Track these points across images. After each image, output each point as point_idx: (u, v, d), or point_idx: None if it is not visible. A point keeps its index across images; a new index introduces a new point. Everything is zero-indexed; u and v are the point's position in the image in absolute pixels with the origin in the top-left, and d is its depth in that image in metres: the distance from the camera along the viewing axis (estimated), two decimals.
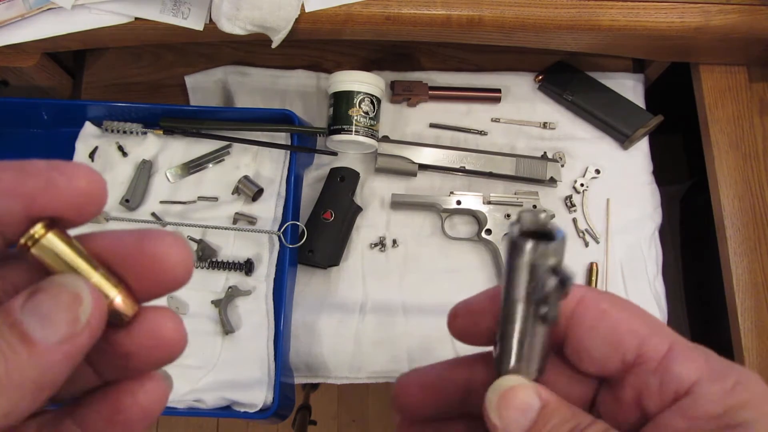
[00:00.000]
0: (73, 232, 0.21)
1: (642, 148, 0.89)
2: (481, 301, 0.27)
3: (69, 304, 0.19)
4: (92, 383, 0.23)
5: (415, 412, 0.27)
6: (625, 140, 0.87)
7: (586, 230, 0.85)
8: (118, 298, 0.21)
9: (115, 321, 0.21)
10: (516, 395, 0.23)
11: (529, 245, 0.23)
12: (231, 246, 0.76)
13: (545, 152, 0.87)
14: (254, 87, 0.90)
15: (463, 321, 0.27)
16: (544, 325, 0.23)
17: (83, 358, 0.20)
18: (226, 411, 0.72)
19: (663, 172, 0.90)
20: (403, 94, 0.89)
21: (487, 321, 0.26)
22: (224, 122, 0.79)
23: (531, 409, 0.23)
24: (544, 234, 0.23)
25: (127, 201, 0.77)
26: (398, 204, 0.84)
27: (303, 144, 0.81)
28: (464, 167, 0.85)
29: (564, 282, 0.22)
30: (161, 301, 0.71)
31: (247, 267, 0.75)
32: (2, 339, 0.18)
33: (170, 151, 0.80)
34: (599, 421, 0.23)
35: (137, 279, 0.21)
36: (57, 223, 0.20)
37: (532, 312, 0.23)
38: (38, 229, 0.20)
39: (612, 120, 0.87)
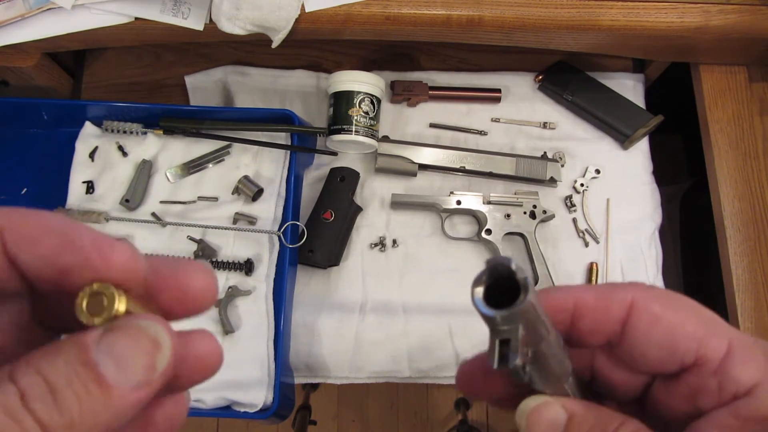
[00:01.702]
0: None
1: (642, 148, 0.89)
2: (473, 362, 0.27)
3: (148, 349, 0.19)
4: None
5: (484, 396, 0.27)
6: (625, 140, 0.87)
7: (586, 230, 0.85)
8: None
9: None
10: (541, 414, 0.24)
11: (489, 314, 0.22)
12: (231, 246, 0.76)
13: (545, 152, 0.87)
14: (254, 87, 0.90)
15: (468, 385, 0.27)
16: (540, 358, 0.23)
17: None
18: (226, 411, 0.72)
19: (663, 172, 0.90)
20: (403, 94, 0.89)
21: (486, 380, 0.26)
22: (224, 122, 0.79)
23: (558, 423, 0.24)
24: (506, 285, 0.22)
25: (127, 201, 0.77)
26: (398, 204, 0.84)
27: (303, 144, 0.81)
28: (464, 167, 0.85)
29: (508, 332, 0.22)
30: None
31: (247, 267, 0.75)
32: (77, 379, 0.18)
33: (170, 151, 0.80)
34: (629, 421, 0.23)
35: (168, 304, 0.22)
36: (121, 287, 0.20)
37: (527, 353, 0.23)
38: (122, 303, 0.19)
39: (612, 120, 0.87)
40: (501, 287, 0.22)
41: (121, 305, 0.19)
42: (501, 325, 0.22)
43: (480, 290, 0.22)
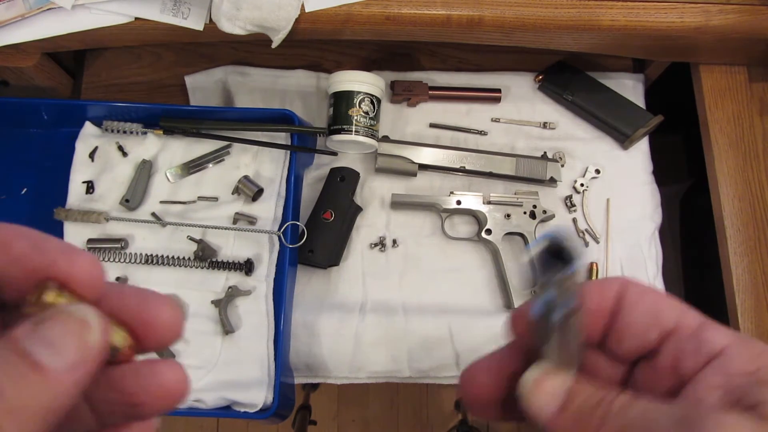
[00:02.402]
0: None
1: (642, 148, 0.89)
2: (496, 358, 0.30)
3: (78, 330, 0.20)
4: (92, 428, 0.23)
5: (484, 399, 0.29)
6: (625, 140, 0.87)
7: (586, 230, 0.85)
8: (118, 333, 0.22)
9: (114, 355, 0.22)
10: (546, 381, 0.26)
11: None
12: (231, 246, 0.76)
13: (545, 152, 0.87)
14: (254, 87, 0.90)
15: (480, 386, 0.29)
16: (568, 329, 0.26)
17: (86, 400, 0.22)
18: (226, 411, 0.72)
19: (663, 172, 0.90)
20: (403, 94, 0.89)
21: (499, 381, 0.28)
22: (224, 122, 0.79)
23: (559, 392, 0.25)
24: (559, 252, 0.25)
25: (127, 201, 0.77)
26: (398, 204, 0.84)
27: (303, 144, 0.81)
28: (464, 167, 0.85)
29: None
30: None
31: (247, 267, 0.75)
32: (13, 368, 0.19)
33: (170, 151, 0.80)
34: (626, 392, 0.25)
35: (132, 335, 0.23)
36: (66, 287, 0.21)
37: (558, 322, 0.26)
38: (54, 294, 0.21)
39: (612, 120, 0.87)
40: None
41: (50, 296, 0.20)
42: (554, 280, 0.25)
43: (542, 247, 0.26)
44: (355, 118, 0.81)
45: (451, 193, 0.84)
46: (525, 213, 0.83)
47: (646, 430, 0.23)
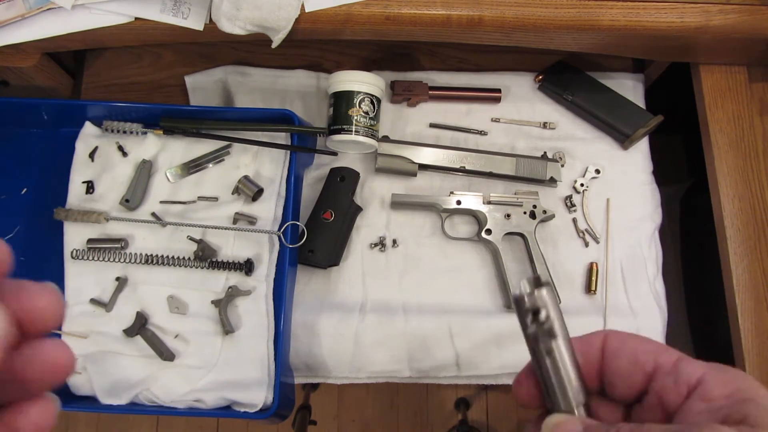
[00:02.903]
0: None
1: (642, 148, 0.89)
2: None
3: None
4: None
5: (528, 399, 0.33)
6: (625, 140, 0.87)
7: (586, 230, 0.85)
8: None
9: None
10: (560, 428, 0.29)
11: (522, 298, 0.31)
12: (231, 246, 0.76)
13: (545, 152, 0.87)
14: (254, 87, 0.90)
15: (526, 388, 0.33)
16: (552, 356, 0.30)
17: None
18: (226, 411, 0.73)
19: (663, 172, 0.90)
20: (403, 94, 0.89)
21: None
22: (224, 122, 0.79)
23: (578, 429, 0.29)
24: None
25: (127, 201, 0.77)
26: (398, 204, 0.84)
27: (303, 144, 0.81)
28: (464, 167, 0.85)
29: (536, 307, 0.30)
30: (163, 301, 0.69)
31: (247, 267, 0.75)
32: None
33: (170, 151, 0.80)
34: (632, 423, 0.28)
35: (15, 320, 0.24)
36: None
37: (541, 348, 0.30)
38: None
39: (612, 120, 0.87)
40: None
41: None
42: (530, 296, 0.30)
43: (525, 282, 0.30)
44: (355, 118, 0.81)
45: (451, 193, 0.84)
46: (525, 213, 0.83)
47: None
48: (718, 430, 0.24)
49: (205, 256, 0.75)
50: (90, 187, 0.78)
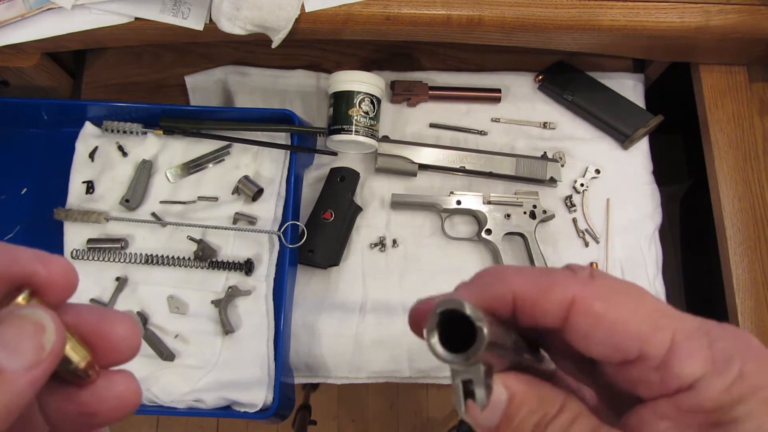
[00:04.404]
0: None
1: (642, 148, 0.89)
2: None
3: (33, 332, 0.20)
4: None
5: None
6: (625, 140, 0.87)
7: (586, 230, 0.85)
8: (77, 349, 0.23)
9: (67, 369, 0.22)
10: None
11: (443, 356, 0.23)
12: (231, 246, 0.76)
13: (545, 152, 0.87)
14: (254, 87, 0.90)
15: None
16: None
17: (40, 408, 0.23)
18: (226, 411, 0.73)
19: (663, 172, 0.90)
20: (403, 94, 0.89)
21: None
22: (224, 122, 0.79)
23: (498, 403, 0.23)
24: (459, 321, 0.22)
25: (127, 201, 0.77)
26: (398, 204, 0.84)
27: (303, 144, 0.81)
28: (464, 167, 0.85)
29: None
30: (163, 301, 0.69)
31: (247, 267, 0.75)
32: None
33: (170, 151, 0.80)
34: (567, 408, 0.23)
35: (92, 350, 0.23)
36: (36, 294, 0.22)
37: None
38: (22, 299, 0.22)
39: (612, 120, 0.87)
40: (455, 320, 0.22)
41: (23, 299, 0.21)
42: (461, 366, 0.22)
43: (435, 336, 0.23)
44: (355, 118, 0.81)
45: (451, 193, 0.84)
46: (525, 213, 0.83)
47: None
48: None
49: (205, 256, 0.75)
50: (90, 187, 0.78)
